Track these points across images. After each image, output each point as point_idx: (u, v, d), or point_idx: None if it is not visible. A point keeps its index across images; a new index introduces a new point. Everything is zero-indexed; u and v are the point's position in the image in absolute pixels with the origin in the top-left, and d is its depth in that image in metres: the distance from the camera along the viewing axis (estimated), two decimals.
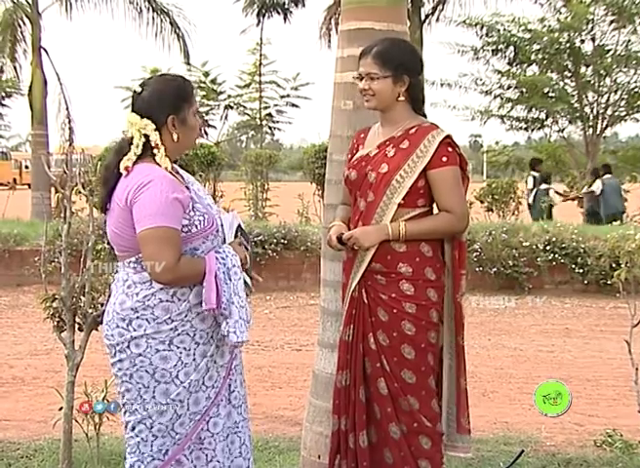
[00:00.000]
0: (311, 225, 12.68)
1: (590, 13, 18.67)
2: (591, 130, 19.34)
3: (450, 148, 3.25)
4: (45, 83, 17.59)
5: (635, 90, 19.07)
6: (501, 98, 20.05)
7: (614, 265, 9.11)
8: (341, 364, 3.37)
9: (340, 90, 3.85)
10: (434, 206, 3.32)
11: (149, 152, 2.94)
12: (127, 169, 2.92)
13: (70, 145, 16.54)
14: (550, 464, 4.57)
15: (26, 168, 35.91)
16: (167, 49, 18.42)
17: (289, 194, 16.09)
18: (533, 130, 20.80)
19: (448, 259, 3.35)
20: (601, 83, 19.21)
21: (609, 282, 9.62)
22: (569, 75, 19.55)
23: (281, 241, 11.01)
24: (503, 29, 19.06)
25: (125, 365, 2.96)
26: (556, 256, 10.84)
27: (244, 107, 27.08)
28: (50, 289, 4.09)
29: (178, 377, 2.94)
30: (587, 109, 19.36)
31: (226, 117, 26.55)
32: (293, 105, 27.09)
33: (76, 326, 4.03)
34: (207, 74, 25.84)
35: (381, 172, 3.26)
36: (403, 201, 3.24)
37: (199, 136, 3.11)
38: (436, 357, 3.32)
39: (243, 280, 3.02)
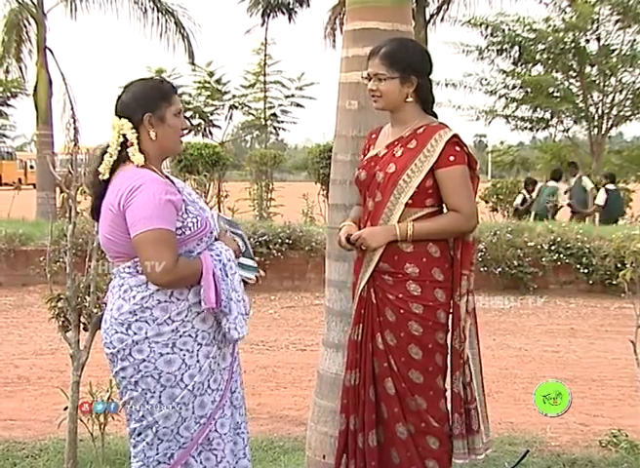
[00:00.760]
0: (316, 225, 12.68)
1: (595, 12, 18.67)
2: (596, 129, 19.32)
3: (457, 147, 3.24)
4: (50, 83, 17.62)
5: None
6: (506, 98, 20.06)
7: (619, 265, 9.15)
8: (350, 363, 3.36)
9: (345, 90, 3.85)
10: (444, 206, 3.31)
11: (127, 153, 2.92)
12: (100, 174, 2.92)
13: (75, 145, 16.50)
14: (555, 464, 4.56)
15: (31, 168, 35.99)
16: (172, 49, 18.46)
17: (293, 194, 16.11)
18: (538, 130, 20.81)
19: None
20: (606, 83, 19.20)
21: (614, 282, 9.61)
22: (574, 75, 19.54)
23: (286, 241, 11.00)
24: (508, 29, 19.07)
25: (129, 372, 2.94)
26: (561, 256, 10.82)
27: (249, 107, 27.06)
28: (55, 288, 4.09)
29: (182, 380, 2.93)
30: (592, 109, 19.35)
31: (231, 117, 26.54)
32: (297, 105, 27.06)
33: (81, 325, 4.03)
34: (212, 74, 25.82)
35: (389, 171, 3.25)
36: (411, 201, 3.23)
37: (182, 140, 3.08)
38: (445, 357, 3.31)
39: (240, 274, 3.02)
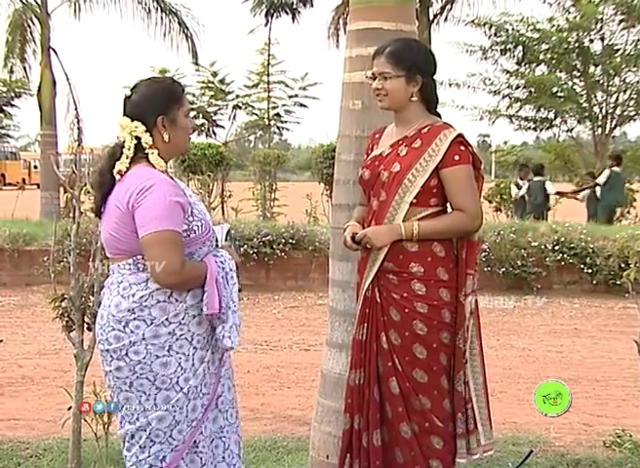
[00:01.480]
0: (319, 225, 12.67)
1: (599, 12, 18.65)
2: (600, 129, 19.30)
3: (462, 147, 3.24)
4: (54, 83, 17.63)
5: None
6: (510, 98, 20.05)
7: (623, 265, 9.17)
8: (355, 362, 3.36)
9: (349, 90, 3.85)
10: (448, 205, 3.31)
11: (142, 154, 2.95)
12: (120, 172, 2.93)
13: (79, 145, 16.54)
14: (559, 464, 4.56)
15: (35, 168, 36.00)
16: (175, 49, 18.45)
17: (297, 194, 16.10)
18: (541, 129, 20.80)
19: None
20: (610, 82, 19.17)
21: (618, 282, 9.62)
22: (578, 75, 19.52)
23: (289, 241, 11.01)
24: (512, 29, 19.05)
25: (124, 373, 2.94)
26: (565, 256, 10.81)
27: (252, 107, 27.04)
28: (59, 288, 4.09)
29: (178, 383, 2.93)
30: (596, 109, 19.32)
31: (234, 117, 26.51)
32: (301, 105, 27.03)
33: (85, 325, 4.03)
34: (215, 74, 25.81)
35: (394, 171, 3.26)
36: (415, 200, 3.23)
37: (190, 138, 3.13)
38: (449, 357, 3.30)
39: (237, 285, 3.04)
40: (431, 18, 19.95)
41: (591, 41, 19.14)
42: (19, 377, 6.67)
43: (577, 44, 18.89)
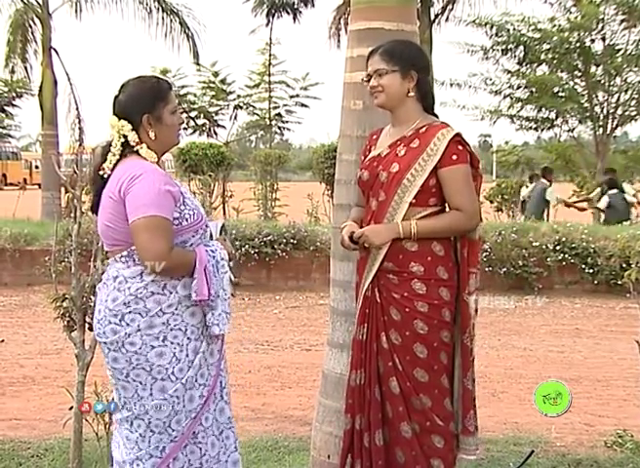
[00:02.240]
0: (321, 225, 12.67)
1: (600, 12, 18.60)
2: (601, 129, 19.26)
3: (460, 146, 3.25)
4: (55, 83, 17.64)
5: None
6: (511, 98, 20.00)
7: (624, 265, 9.16)
8: (355, 363, 3.37)
9: (350, 90, 3.85)
10: (447, 205, 3.32)
11: (131, 150, 3.03)
12: (104, 170, 3.03)
13: (80, 145, 16.56)
14: (560, 465, 4.56)
15: (37, 168, 35.98)
16: (176, 49, 18.49)
17: (298, 194, 16.10)
18: (542, 129, 20.75)
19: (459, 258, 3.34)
20: (611, 82, 19.14)
21: (619, 282, 9.59)
22: (579, 75, 19.48)
23: (290, 241, 11.01)
24: (513, 29, 19.01)
25: (121, 364, 3.01)
26: (566, 256, 10.81)
27: (253, 107, 27.08)
28: (60, 288, 4.09)
29: (173, 374, 2.99)
30: (597, 109, 19.29)
31: (236, 117, 26.55)
32: (302, 105, 27.09)
33: (86, 325, 4.03)
34: (216, 74, 25.84)
35: (392, 171, 3.26)
36: (415, 200, 3.23)
37: (179, 134, 3.18)
38: (450, 356, 3.31)
39: (228, 274, 3.10)
40: (432, 18, 19.94)
41: (592, 41, 19.11)
42: (20, 377, 6.67)
43: (578, 44, 18.86)
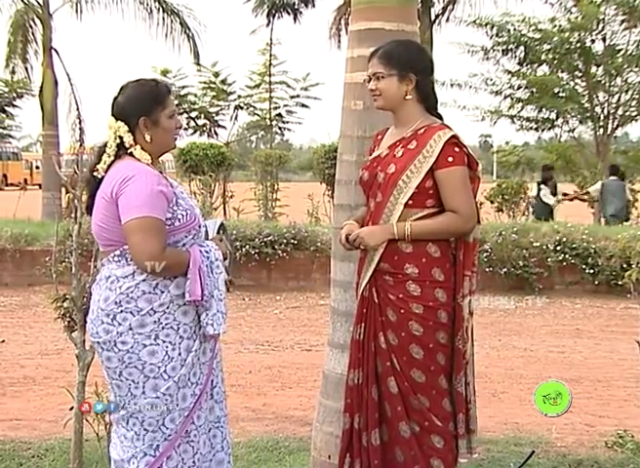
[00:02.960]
0: (321, 225, 12.67)
1: (601, 12, 18.61)
2: (602, 130, 19.27)
3: (456, 148, 3.23)
4: (56, 83, 17.65)
5: None
6: (512, 99, 20.01)
7: (624, 266, 9.16)
8: (353, 362, 3.37)
9: (351, 90, 3.85)
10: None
11: (126, 151, 3.06)
12: (97, 171, 3.06)
13: (81, 146, 16.58)
14: (561, 465, 4.55)
15: (37, 168, 35.96)
16: (177, 49, 18.52)
17: (299, 194, 16.10)
18: (543, 130, 20.74)
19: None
20: (612, 83, 19.14)
21: (620, 282, 9.60)
22: (579, 75, 19.49)
23: (291, 241, 11.02)
24: (514, 29, 19.02)
25: (114, 363, 3.04)
26: (567, 257, 10.81)
27: (254, 108, 27.04)
28: (61, 289, 4.09)
29: (166, 372, 3.01)
30: (598, 109, 19.29)
31: (236, 117, 26.50)
32: (303, 106, 27.05)
33: (87, 326, 4.03)
34: (217, 74, 25.81)
35: (389, 172, 3.26)
36: (411, 201, 3.23)
37: (176, 138, 3.21)
38: (448, 357, 3.30)
39: (223, 274, 3.11)
40: (433, 18, 19.96)
41: (593, 41, 19.11)
42: (20, 378, 6.68)
43: (578, 44, 18.86)
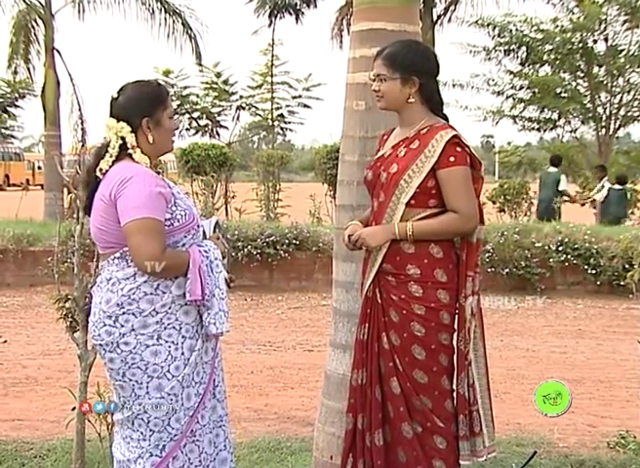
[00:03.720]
0: (323, 226, 12.66)
1: (603, 13, 18.61)
2: (604, 130, 19.26)
3: (458, 148, 3.23)
4: (58, 84, 17.64)
5: None
6: (514, 99, 20.01)
7: (627, 266, 9.16)
8: (357, 362, 3.37)
9: (353, 90, 3.85)
10: None
11: (127, 153, 3.06)
12: (101, 171, 3.06)
13: (83, 146, 16.57)
14: (563, 465, 4.55)
15: (39, 168, 36.02)
16: (179, 50, 18.50)
17: (301, 195, 16.10)
18: (545, 130, 20.75)
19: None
20: (614, 83, 19.14)
21: (622, 283, 9.59)
22: (581, 75, 19.49)
23: (293, 241, 11.01)
24: (516, 30, 19.02)
25: (117, 364, 3.04)
26: (569, 257, 10.79)
27: (256, 108, 27.04)
28: (63, 289, 4.09)
29: (169, 372, 3.02)
30: (600, 110, 19.28)
31: (238, 118, 26.51)
32: (304, 106, 27.03)
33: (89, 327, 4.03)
34: (219, 75, 25.81)
35: (391, 172, 3.26)
36: (414, 201, 3.23)
37: (174, 140, 3.23)
38: (450, 358, 3.30)
39: (223, 273, 3.11)
40: (435, 18, 19.94)
41: (595, 42, 19.11)
42: (23, 378, 6.68)
43: (580, 44, 18.85)
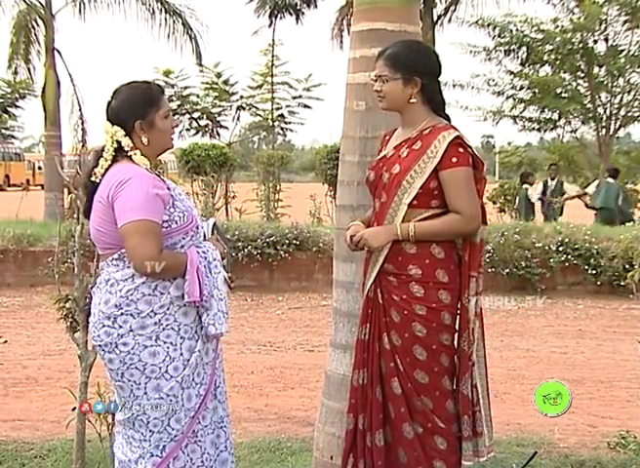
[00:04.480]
0: (323, 226, 12.67)
1: (603, 13, 18.62)
2: (604, 130, 19.27)
3: (461, 149, 3.23)
4: (58, 84, 17.64)
5: None
6: (514, 99, 20.02)
7: (627, 266, 9.16)
8: (358, 362, 3.37)
9: (353, 91, 3.85)
10: None
11: (124, 155, 3.07)
12: (95, 175, 3.07)
13: (83, 146, 16.58)
14: (563, 466, 4.55)
15: (39, 169, 36.00)
16: (179, 50, 18.52)
17: (301, 195, 16.11)
18: (545, 130, 20.77)
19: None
20: (614, 83, 19.15)
21: (622, 283, 9.59)
22: (582, 76, 19.50)
23: (293, 242, 11.01)
24: (516, 30, 19.03)
25: (115, 364, 3.06)
26: (569, 257, 10.80)
27: (256, 108, 27.06)
28: (63, 289, 4.10)
29: (167, 372, 3.03)
30: (600, 110, 19.30)
31: (238, 118, 26.55)
32: (305, 106, 27.05)
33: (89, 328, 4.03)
34: (219, 75, 25.84)
35: (394, 172, 3.26)
36: (416, 202, 3.22)
37: (173, 138, 3.22)
38: (452, 358, 3.30)
39: (222, 274, 3.12)
40: (435, 18, 19.95)
41: (595, 42, 19.12)
42: (23, 378, 6.68)
43: (581, 45, 18.86)
